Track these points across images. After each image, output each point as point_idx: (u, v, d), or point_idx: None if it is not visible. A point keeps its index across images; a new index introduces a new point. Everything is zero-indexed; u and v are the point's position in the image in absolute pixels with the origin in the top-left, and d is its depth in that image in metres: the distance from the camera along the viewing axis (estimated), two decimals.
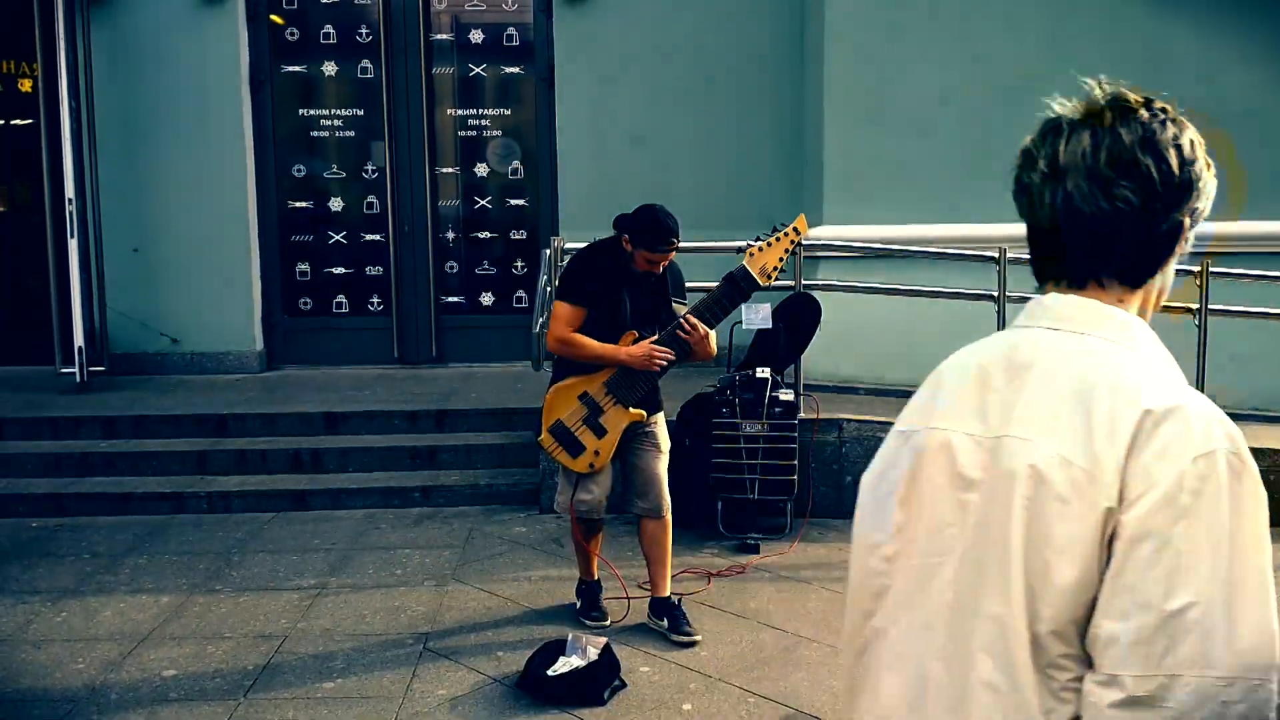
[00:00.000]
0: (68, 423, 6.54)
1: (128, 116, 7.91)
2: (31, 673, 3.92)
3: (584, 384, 4.12)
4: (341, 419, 6.58)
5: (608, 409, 4.09)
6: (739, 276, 4.03)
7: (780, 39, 7.99)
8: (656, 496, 4.24)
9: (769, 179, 8.07)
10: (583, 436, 4.11)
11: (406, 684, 3.80)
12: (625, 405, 4.10)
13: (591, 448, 4.11)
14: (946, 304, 6.38)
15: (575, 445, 4.11)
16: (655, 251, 4.01)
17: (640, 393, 4.11)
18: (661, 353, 4.02)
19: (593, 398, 4.10)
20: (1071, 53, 6.92)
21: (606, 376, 4.09)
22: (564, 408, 4.12)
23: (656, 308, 4.19)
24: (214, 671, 3.92)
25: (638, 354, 4.03)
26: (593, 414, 4.10)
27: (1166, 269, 1.32)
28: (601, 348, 4.06)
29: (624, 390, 4.08)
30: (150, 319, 8.01)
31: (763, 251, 4.05)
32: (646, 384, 4.11)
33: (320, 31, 8.19)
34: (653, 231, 3.98)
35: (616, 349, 4.06)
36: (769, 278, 4.06)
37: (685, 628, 4.20)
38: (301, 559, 5.16)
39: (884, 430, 6.05)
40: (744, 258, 4.06)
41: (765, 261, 4.04)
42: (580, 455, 4.12)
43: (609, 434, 4.11)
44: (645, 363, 4.03)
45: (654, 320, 4.18)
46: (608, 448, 4.12)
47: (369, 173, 8.32)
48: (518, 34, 8.26)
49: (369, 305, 8.41)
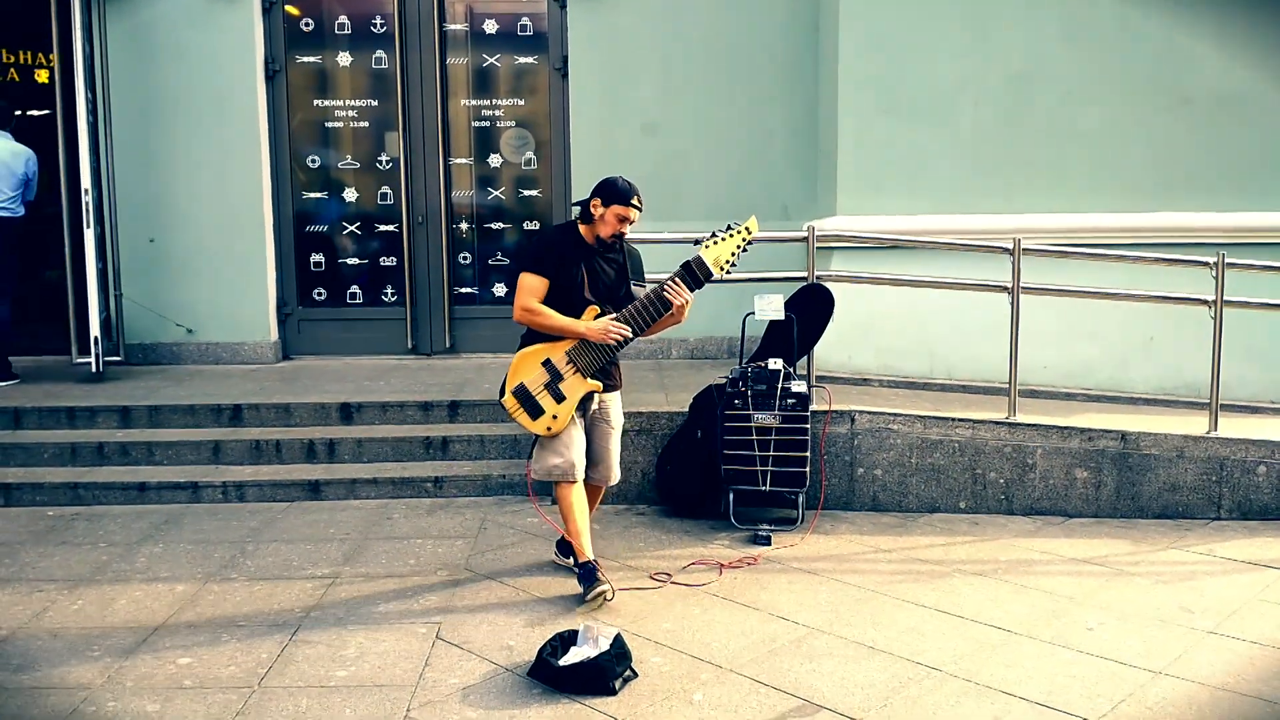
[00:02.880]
0: (84, 412, 6.59)
1: (143, 107, 7.94)
2: (47, 659, 3.96)
3: (547, 351, 4.42)
4: (355, 409, 6.61)
5: (568, 376, 4.39)
6: (695, 265, 4.36)
7: (794, 29, 7.96)
8: (606, 469, 4.67)
9: (782, 169, 8.06)
10: (543, 400, 4.39)
11: (419, 673, 3.82)
12: (584, 375, 4.40)
13: (550, 411, 4.39)
14: (961, 296, 6.36)
15: (535, 408, 4.40)
16: (627, 205, 4.34)
17: (598, 365, 4.41)
18: (618, 329, 4.33)
19: (554, 365, 4.40)
20: (1087, 43, 6.89)
21: (568, 345, 4.40)
22: (528, 372, 4.41)
23: (617, 286, 4.51)
24: (228, 659, 3.95)
25: (596, 329, 4.35)
26: (554, 380, 4.40)
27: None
28: (563, 320, 4.36)
29: (583, 360, 4.39)
30: (165, 309, 8.05)
31: (718, 244, 4.38)
32: (604, 357, 4.40)
33: (335, 22, 8.20)
34: (623, 191, 4.35)
35: (576, 323, 4.37)
36: (722, 269, 4.37)
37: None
38: (315, 548, 5.19)
39: (896, 422, 6.12)
40: (700, 249, 4.39)
41: (719, 254, 4.36)
42: (540, 418, 4.39)
43: (567, 400, 4.40)
44: (602, 336, 4.34)
45: (614, 298, 4.50)
46: (565, 412, 4.40)
47: (383, 163, 8.33)
48: (531, 24, 8.26)
49: (383, 296, 8.43)
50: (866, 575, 4.78)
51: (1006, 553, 5.15)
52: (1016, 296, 5.78)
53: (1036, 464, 5.73)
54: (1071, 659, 3.93)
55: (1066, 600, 4.52)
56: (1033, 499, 5.75)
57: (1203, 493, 5.67)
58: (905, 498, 5.80)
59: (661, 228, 6.78)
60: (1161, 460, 5.68)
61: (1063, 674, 3.80)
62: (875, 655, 3.94)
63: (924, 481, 5.78)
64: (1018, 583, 4.72)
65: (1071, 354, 6.82)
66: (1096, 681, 3.74)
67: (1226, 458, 5.65)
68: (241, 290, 8.13)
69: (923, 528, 5.54)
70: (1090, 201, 6.90)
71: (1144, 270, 6.25)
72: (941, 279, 6.24)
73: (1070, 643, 4.08)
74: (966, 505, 5.78)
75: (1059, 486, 5.73)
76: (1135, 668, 3.86)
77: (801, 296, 5.82)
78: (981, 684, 3.72)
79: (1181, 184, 6.88)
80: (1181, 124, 6.89)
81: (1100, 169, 6.93)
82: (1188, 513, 5.68)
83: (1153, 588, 4.67)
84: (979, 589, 4.64)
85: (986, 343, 6.46)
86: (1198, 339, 5.96)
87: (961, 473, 5.77)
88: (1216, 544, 5.27)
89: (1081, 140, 6.92)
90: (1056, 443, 5.72)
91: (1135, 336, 6.78)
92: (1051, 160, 6.94)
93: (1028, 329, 5.93)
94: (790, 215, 7.90)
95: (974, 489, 5.77)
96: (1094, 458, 5.71)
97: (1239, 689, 3.69)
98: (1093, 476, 5.71)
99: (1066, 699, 3.61)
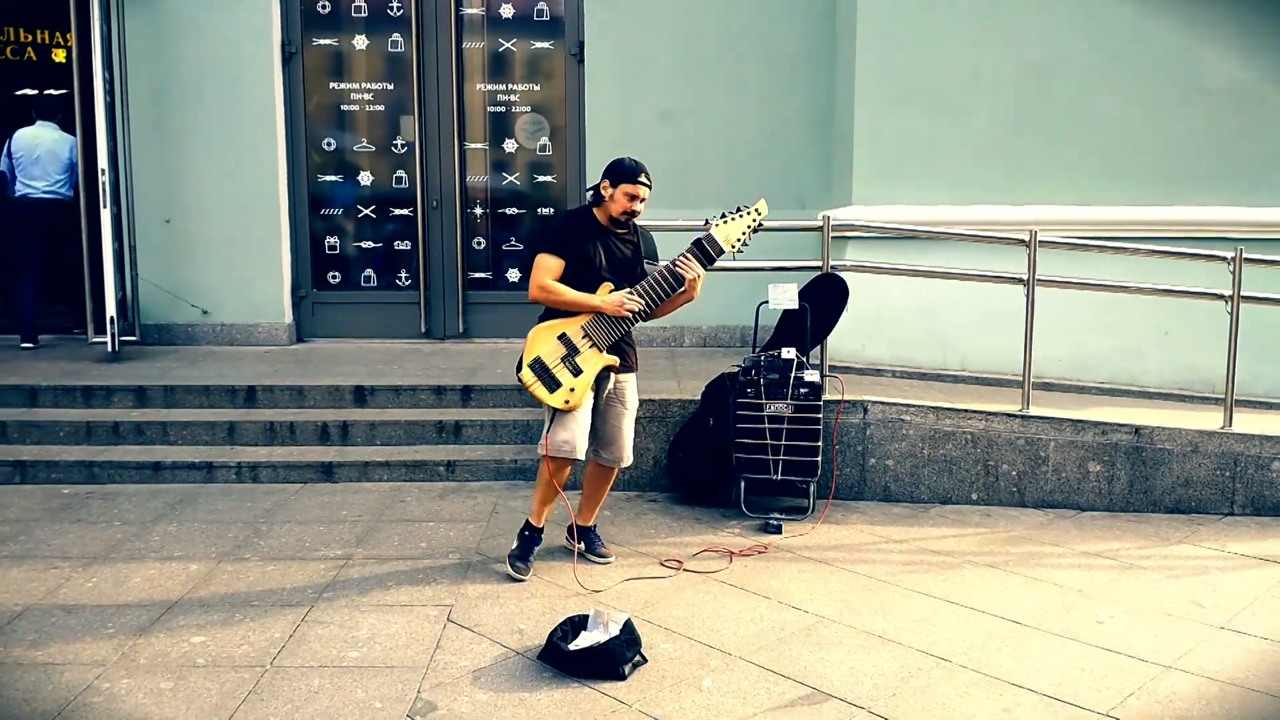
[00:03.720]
0: (99, 391, 6.62)
1: (160, 88, 7.96)
2: (62, 636, 3.99)
3: (563, 325, 4.43)
4: (369, 392, 6.63)
5: (584, 350, 4.40)
6: (705, 241, 4.43)
7: (811, 16, 7.93)
8: (619, 449, 4.63)
9: (798, 157, 8.04)
10: (560, 374, 4.39)
11: (430, 655, 3.85)
12: (600, 349, 4.42)
13: (568, 385, 4.38)
14: (975, 287, 6.34)
15: (553, 382, 4.38)
16: (635, 184, 4.39)
17: (614, 338, 4.43)
18: (632, 300, 4.38)
19: (570, 339, 4.41)
20: (1103, 34, 6.84)
21: (584, 320, 4.42)
22: (544, 346, 4.41)
23: (632, 266, 4.56)
24: (241, 638, 3.97)
25: (611, 301, 4.39)
26: (570, 354, 4.40)
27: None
28: (578, 295, 4.40)
29: (599, 334, 4.42)
30: (181, 290, 8.08)
31: (728, 223, 4.46)
32: (619, 331, 4.43)
33: (351, 5, 8.20)
34: (630, 170, 4.40)
35: (591, 296, 4.41)
36: (733, 247, 4.45)
37: (600, 549, 4.76)
38: (328, 530, 5.21)
39: (909, 413, 6.10)
40: (711, 227, 4.46)
41: (729, 233, 4.45)
42: (557, 391, 4.37)
43: (584, 374, 4.40)
44: (617, 309, 4.37)
45: (629, 278, 4.54)
46: (582, 387, 4.40)
47: (398, 147, 8.34)
48: (548, 9, 8.24)
49: (397, 280, 8.44)
50: (877, 565, 4.79)
51: (1018, 545, 5.14)
52: (1032, 289, 5.76)
53: (1049, 457, 5.72)
54: (1081, 652, 3.93)
55: (1077, 593, 4.51)
56: (1045, 492, 5.74)
57: (1216, 488, 5.65)
58: (917, 488, 5.79)
59: (675, 214, 6.76)
60: (1175, 455, 5.66)
61: (1072, 666, 3.80)
62: (885, 645, 3.95)
63: (936, 473, 5.78)
64: (1028, 575, 4.72)
65: (1085, 347, 6.80)
66: (1106, 674, 3.74)
67: (1241, 453, 5.63)
68: (256, 272, 8.15)
69: (934, 519, 5.53)
70: (1106, 194, 6.86)
71: (1159, 264, 6.22)
72: (956, 270, 6.22)
73: (1080, 635, 4.08)
74: (978, 497, 5.78)
75: (1072, 479, 5.72)
76: (1145, 661, 3.85)
77: (815, 286, 5.81)
78: (991, 675, 3.73)
79: (1199, 177, 6.84)
80: (1199, 116, 6.84)
81: (1116, 161, 6.89)
82: (1201, 508, 5.67)
83: (1164, 582, 4.66)
84: (989, 581, 4.64)
85: (1000, 335, 6.44)
86: (1213, 334, 5.93)
87: (974, 464, 5.76)
88: (1229, 539, 5.25)
89: (1098, 132, 6.89)
90: (1070, 436, 5.71)
91: (1150, 330, 6.75)
92: (1067, 152, 6.91)
93: (1041, 321, 5.91)
94: (805, 204, 7.89)
95: (986, 481, 5.77)
96: (1107, 451, 5.69)
97: (1249, 684, 3.69)
98: (1106, 470, 5.70)
99: (1076, 691, 3.61)
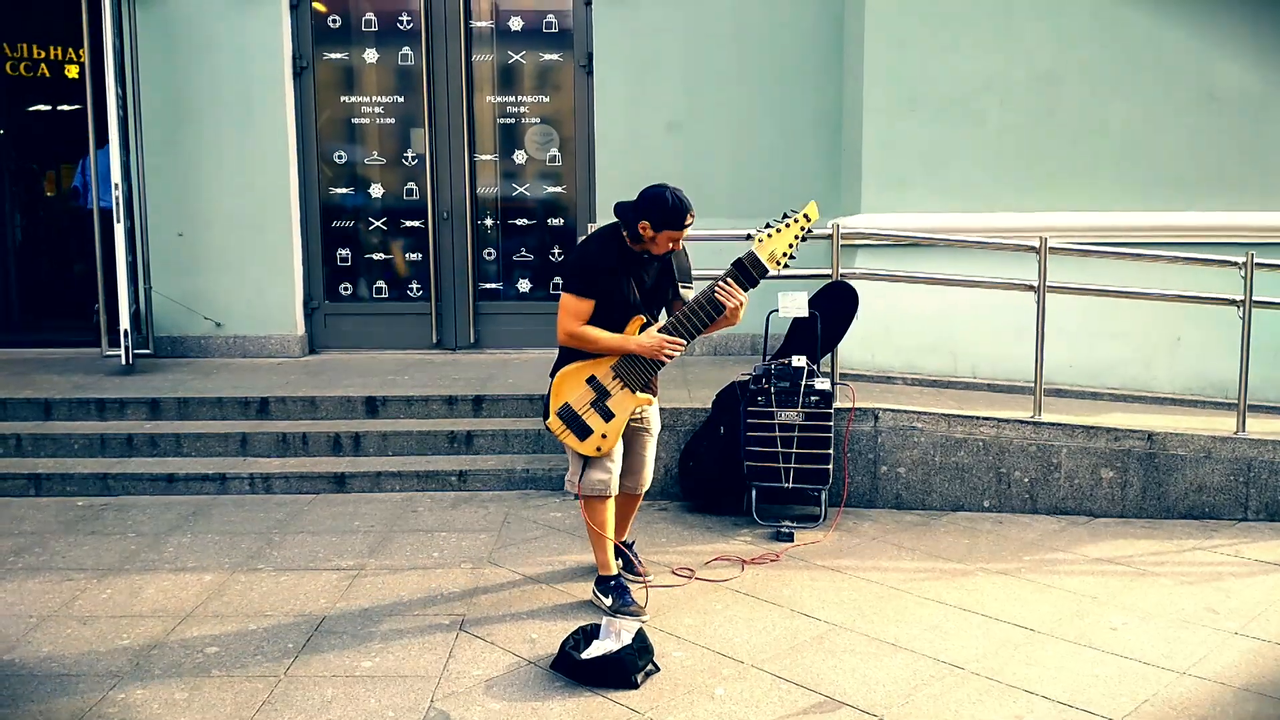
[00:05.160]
0: (113, 404, 6.66)
1: (173, 102, 8.01)
2: (77, 646, 4.02)
3: (591, 368, 4.14)
4: (380, 403, 6.65)
5: (615, 393, 4.12)
6: (749, 262, 4.02)
7: (820, 26, 7.94)
8: (643, 476, 4.47)
9: (807, 167, 8.04)
10: (590, 420, 4.13)
11: (443, 664, 3.85)
12: (632, 390, 4.14)
13: (599, 431, 4.13)
14: (985, 294, 6.33)
15: (583, 429, 4.13)
16: (680, 229, 4.03)
17: (647, 378, 4.16)
18: (673, 343, 4.05)
19: (600, 382, 4.12)
20: (1113, 40, 6.84)
21: (614, 360, 4.12)
22: (572, 391, 4.14)
23: (662, 288, 4.22)
24: (255, 649, 3.99)
25: (649, 345, 4.05)
26: (600, 398, 4.12)
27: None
28: (612, 339, 4.08)
29: (631, 376, 4.12)
30: (194, 303, 8.13)
31: (771, 238, 4.04)
32: (653, 370, 4.16)
33: (362, 19, 8.25)
34: (675, 212, 4.00)
35: (626, 339, 4.08)
36: (778, 264, 4.04)
37: (637, 569, 4.52)
38: (341, 540, 5.23)
39: (920, 420, 6.09)
40: (753, 244, 4.05)
41: (774, 247, 4.03)
42: (588, 438, 4.13)
43: (616, 418, 4.14)
44: (656, 353, 4.06)
45: (660, 301, 4.25)
46: (615, 431, 4.15)
47: (409, 159, 8.38)
48: (557, 21, 8.28)
49: (408, 291, 8.48)
50: (889, 573, 4.78)
51: (1030, 552, 5.13)
52: (1042, 295, 5.75)
53: (1061, 463, 5.71)
54: (1095, 658, 3.92)
55: (1090, 600, 4.50)
56: (1057, 498, 5.73)
57: (1230, 493, 5.63)
58: (929, 496, 5.78)
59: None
60: (1188, 460, 5.64)
61: (1086, 673, 3.79)
62: (897, 652, 3.94)
63: (947, 480, 5.77)
64: (1041, 582, 4.71)
65: (1097, 353, 6.78)
66: (1119, 681, 3.73)
67: (1254, 459, 5.61)
68: (268, 284, 8.19)
69: (946, 526, 5.52)
70: (1116, 200, 6.86)
71: (1171, 269, 6.21)
72: (967, 277, 6.21)
73: (1093, 642, 4.06)
74: (990, 504, 5.77)
75: (1084, 486, 5.71)
76: (1159, 668, 3.84)
77: (826, 294, 5.81)
78: (1003, 682, 3.72)
79: (1209, 182, 6.83)
80: (1209, 122, 6.84)
81: (1127, 167, 6.89)
82: (1214, 513, 5.64)
83: (1177, 588, 4.65)
84: (1002, 588, 4.63)
85: (1011, 341, 6.43)
86: (1225, 339, 5.92)
87: (985, 471, 5.75)
88: (1243, 545, 5.23)
89: (1108, 138, 6.88)
90: (1082, 442, 5.69)
91: (1162, 336, 6.74)
92: (1077, 158, 6.91)
93: (1052, 328, 5.91)
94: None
95: (998, 488, 5.75)
96: (1120, 457, 5.68)
97: (1264, 690, 3.67)
98: (1119, 476, 5.68)
99: (1089, 698, 3.60)
